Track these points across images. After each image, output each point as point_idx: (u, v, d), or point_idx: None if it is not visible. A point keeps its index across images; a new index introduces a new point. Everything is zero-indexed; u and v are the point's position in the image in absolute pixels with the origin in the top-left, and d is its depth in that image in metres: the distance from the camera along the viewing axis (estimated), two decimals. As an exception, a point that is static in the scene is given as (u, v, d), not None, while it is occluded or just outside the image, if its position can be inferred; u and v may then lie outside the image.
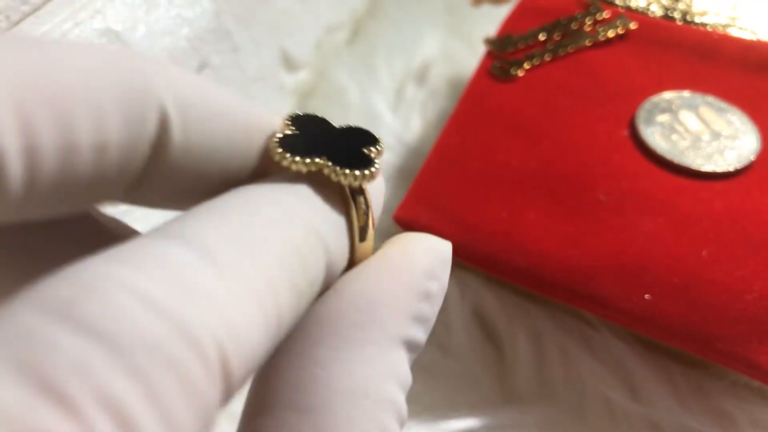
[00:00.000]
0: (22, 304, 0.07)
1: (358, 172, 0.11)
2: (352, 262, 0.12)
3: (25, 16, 0.22)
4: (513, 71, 0.34)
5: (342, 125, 0.12)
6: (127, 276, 0.08)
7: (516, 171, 0.30)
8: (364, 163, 0.11)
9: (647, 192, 0.28)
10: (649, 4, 0.37)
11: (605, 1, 0.37)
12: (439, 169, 0.30)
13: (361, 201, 0.11)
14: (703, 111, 0.31)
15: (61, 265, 0.08)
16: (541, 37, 0.35)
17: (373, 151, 0.12)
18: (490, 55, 0.35)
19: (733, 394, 0.26)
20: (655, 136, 0.30)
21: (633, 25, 0.35)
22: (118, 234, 0.13)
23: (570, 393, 0.27)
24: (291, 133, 0.12)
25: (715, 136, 0.30)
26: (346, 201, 0.11)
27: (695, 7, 0.37)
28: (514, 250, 0.27)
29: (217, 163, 0.11)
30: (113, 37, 0.25)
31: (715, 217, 0.27)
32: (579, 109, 0.32)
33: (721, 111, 0.31)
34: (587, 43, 0.35)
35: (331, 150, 0.11)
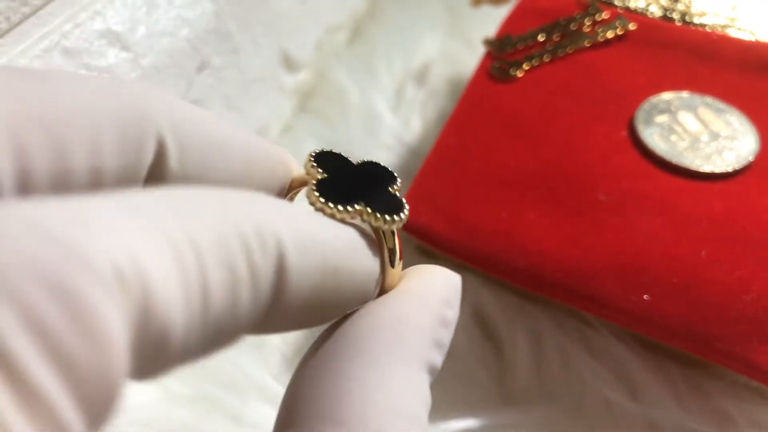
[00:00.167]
0: None
1: (396, 218, 0.12)
2: (382, 288, 0.13)
3: (25, 18, 0.22)
4: (512, 72, 0.34)
5: (358, 161, 0.13)
6: (29, 211, 0.07)
7: (515, 171, 0.30)
8: (397, 207, 0.13)
9: (646, 192, 0.28)
10: (648, 5, 0.37)
11: (604, 1, 0.37)
12: (438, 170, 0.30)
13: (390, 233, 0.13)
14: (702, 112, 0.31)
15: None
16: (541, 37, 0.36)
17: (397, 189, 0.13)
18: (489, 55, 0.35)
19: (733, 394, 0.26)
20: (654, 137, 0.30)
21: (632, 26, 0.35)
22: None
23: (569, 393, 0.27)
24: (322, 178, 0.12)
25: (714, 136, 0.30)
26: (378, 236, 0.12)
27: (694, 8, 0.37)
28: (514, 250, 0.27)
29: None
30: (113, 38, 0.25)
31: (714, 218, 0.27)
32: (578, 109, 0.32)
33: (720, 112, 0.31)
34: (586, 43, 0.35)
35: (365, 193, 0.12)
